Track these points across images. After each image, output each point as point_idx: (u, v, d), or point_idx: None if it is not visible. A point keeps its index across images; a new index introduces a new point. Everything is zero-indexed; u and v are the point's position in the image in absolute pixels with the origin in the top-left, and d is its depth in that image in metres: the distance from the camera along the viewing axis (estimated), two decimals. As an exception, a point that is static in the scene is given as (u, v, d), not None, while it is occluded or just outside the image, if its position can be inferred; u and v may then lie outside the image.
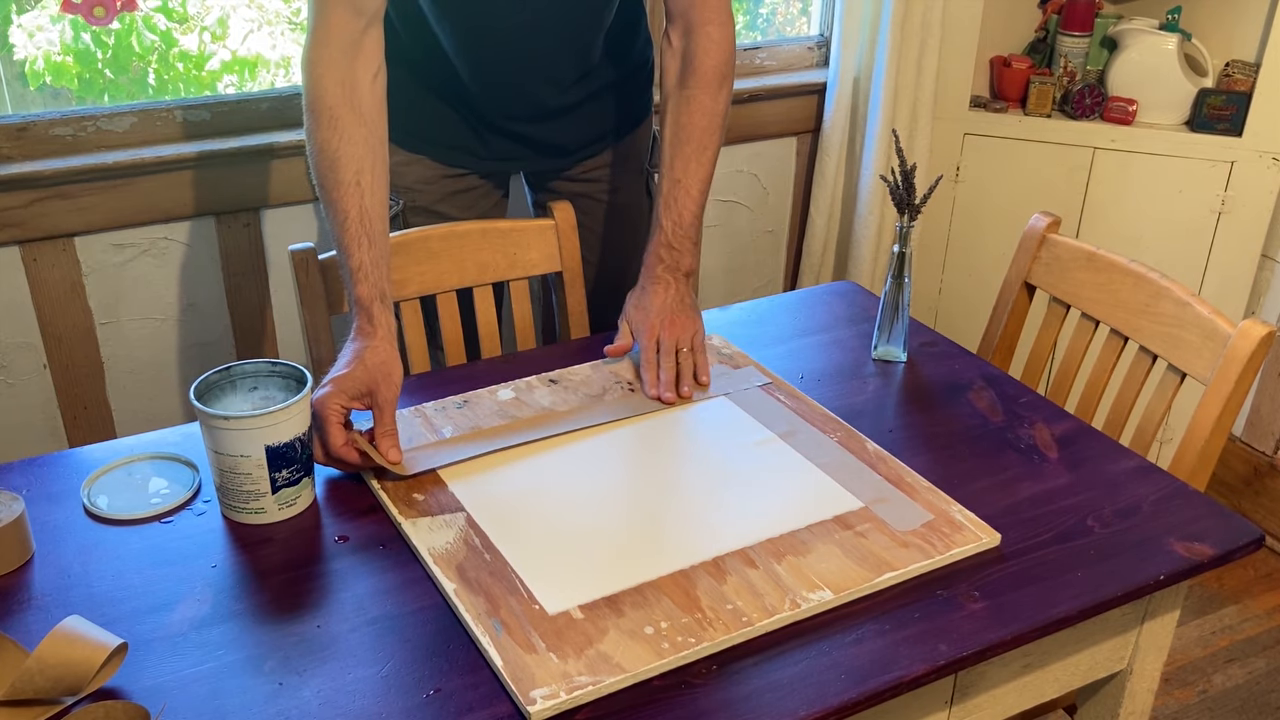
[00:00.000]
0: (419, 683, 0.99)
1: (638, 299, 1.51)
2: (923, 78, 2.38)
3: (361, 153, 1.34)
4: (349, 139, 1.33)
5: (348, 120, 1.33)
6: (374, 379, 1.27)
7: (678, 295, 1.50)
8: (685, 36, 1.52)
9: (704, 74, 1.51)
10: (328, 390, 1.25)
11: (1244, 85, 2.30)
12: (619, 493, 1.23)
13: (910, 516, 1.19)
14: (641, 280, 1.52)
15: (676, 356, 1.44)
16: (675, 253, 1.51)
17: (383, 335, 1.31)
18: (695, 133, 1.51)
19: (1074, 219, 2.46)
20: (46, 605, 1.08)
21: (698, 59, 1.51)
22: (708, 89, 1.51)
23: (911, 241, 1.49)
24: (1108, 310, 1.59)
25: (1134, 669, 1.27)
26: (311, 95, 1.33)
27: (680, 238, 1.51)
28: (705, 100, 1.51)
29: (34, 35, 1.95)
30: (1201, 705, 2.09)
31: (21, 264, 1.91)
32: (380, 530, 1.18)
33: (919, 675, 1.01)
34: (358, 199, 1.34)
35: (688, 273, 1.52)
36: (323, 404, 1.24)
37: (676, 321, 1.47)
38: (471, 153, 1.70)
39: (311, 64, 1.33)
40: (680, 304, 1.49)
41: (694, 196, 1.51)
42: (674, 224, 1.50)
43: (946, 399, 1.45)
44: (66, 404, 2.03)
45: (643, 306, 1.49)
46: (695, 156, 1.50)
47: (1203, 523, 1.22)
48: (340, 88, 1.33)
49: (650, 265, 1.51)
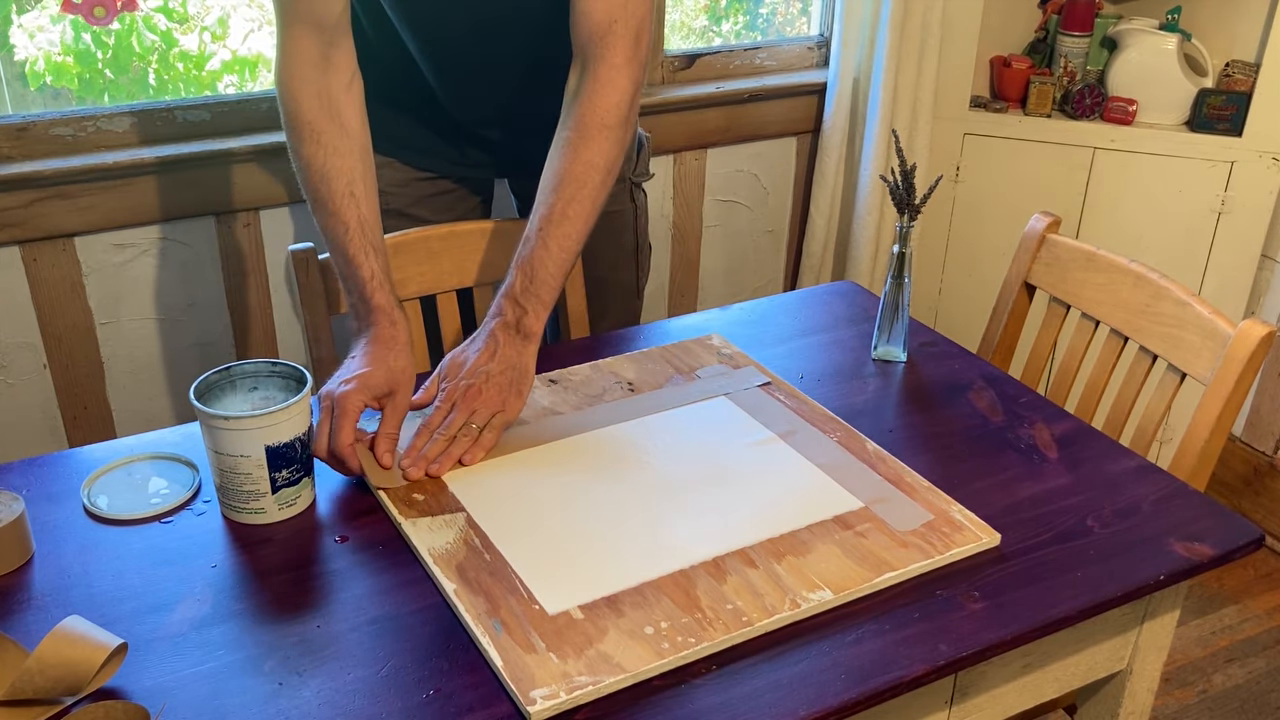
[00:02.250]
0: (419, 683, 0.99)
1: (463, 349, 1.35)
2: (923, 78, 2.38)
3: (350, 163, 1.34)
4: (335, 151, 1.33)
5: (330, 133, 1.33)
6: (396, 382, 1.27)
7: (504, 360, 1.31)
8: (580, 75, 1.40)
9: (586, 123, 1.37)
10: (352, 387, 1.24)
11: (1244, 85, 2.30)
12: (619, 493, 1.23)
13: (910, 516, 1.19)
14: (478, 330, 1.37)
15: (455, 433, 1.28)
16: (518, 309, 1.34)
17: (404, 341, 1.31)
18: (567, 182, 1.36)
19: (1074, 219, 2.46)
20: (46, 605, 1.08)
21: (584, 104, 1.37)
22: (587, 136, 1.37)
23: (911, 241, 1.48)
24: (1108, 310, 1.59)
25: (1134, 669, 1.27)
26: (289, 112, 1.33)
27: (528, 295, 1.34)
28: (582, 149, 1.36)
29: (34, 36, 1.95)
30: (1201, 705, 2.09)
31: (21, 264, 1.91)
32: (380, 530, 1.18)
33: (919, 675, 1.01)
34: (355, 209, 1.34)
35: (529, 335, 1.33)
36: (345, 399, 1.23)
37: (483, 394, 1.29)
38: (443, 157, 1.67)
39: (284, 82, 1.33)
40: (501, 373, 1.30)
41: (551, 251, 1.35)
42: (524, 278, 1.35)
43: (946, 399, 1.45)
44: (66, 404, 2.03)
45: (457, 362, 1.33)
46: (562, 207, 1.36)
47: (1203, 523, 1.22)
48: (317, 100, 1.32)
49: (489, 317, 1.36)
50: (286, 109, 1.33)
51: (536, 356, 1.34)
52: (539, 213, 1.37)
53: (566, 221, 1.36)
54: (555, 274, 1.35)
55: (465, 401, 1.28)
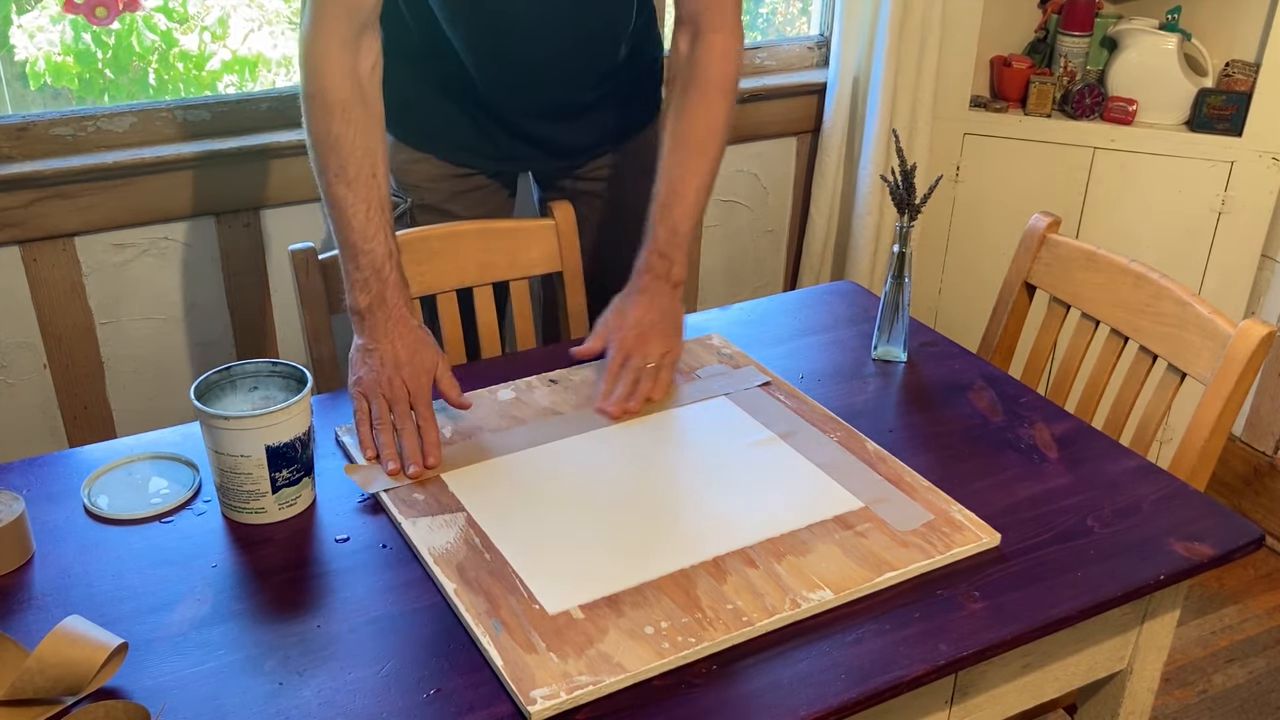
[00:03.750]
0: (419, 683, 0.99)
1: (619, 306, 1.47)
2: (922, 78, 2.38)
3: (374, 145, 1.35)
4: (362, 131, 1.34)
5: (357, 112, 1.34)
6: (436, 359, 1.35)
7: (660, 309, 1.45)
8: (692, 42, 1.50)
9: (705, 83, 1.48)
10: (444, 360, 1.34)
11: (1244, 85, 2.30)
12: (619, 493, 1.23)
13: (910, 516, 1.19)
14: (629, 286, 1.49)
15: (638, 373, 1.40)
16: (666, 261, 1.47)
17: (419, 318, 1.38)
18: (694, 141, 1.48)
19: (1074, 219, 2.45)
20: (46, 605, 1.08)
21: (700, 66, 1.48)
22: (707, 99, 1.48)
23: (911, 241, 1.48)
24: (1108, 310, 1.59)
25: (1134, 669, 1.27)
26: (318, 88, 1.33)
27: (673, 246, 1.47)
28: (704, 109, 1.48)
29: (34, 36, 1.96)
30: (1201, 705, 2.09)
31: (21, 264, 1.91)
32: (380, 530, 1.18)
33: (919, 675, 1.01)
34: (376, 190, 1.35)
35: (676, 283, 1.48)
36: (446, 372, 1.33)
37: (650, 338, 1.42)
38: (479, 153, 1.69)
39: (314, 60, 1.33)
40: (662, 318, 1.45)
41: (688, 206, 1.47)
42: (668, 232, 1.47)
43: (946, 399, 1.45)
44: (66, 404, 2.03)
45: (622, 314, 1.46)
46: (692, 164, 1.48)
47: (1203, 523, 1.22)
48: (348, 80, 1.33)
49: (639, 272, 1.48)
50: (313, 84, 1.33)
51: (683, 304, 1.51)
52: (672, 172, 1.48)
53: (697, 176, 1.48)
54: (693, 225, 1.49)
55: (638, 348, 1.41)
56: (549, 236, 1.70)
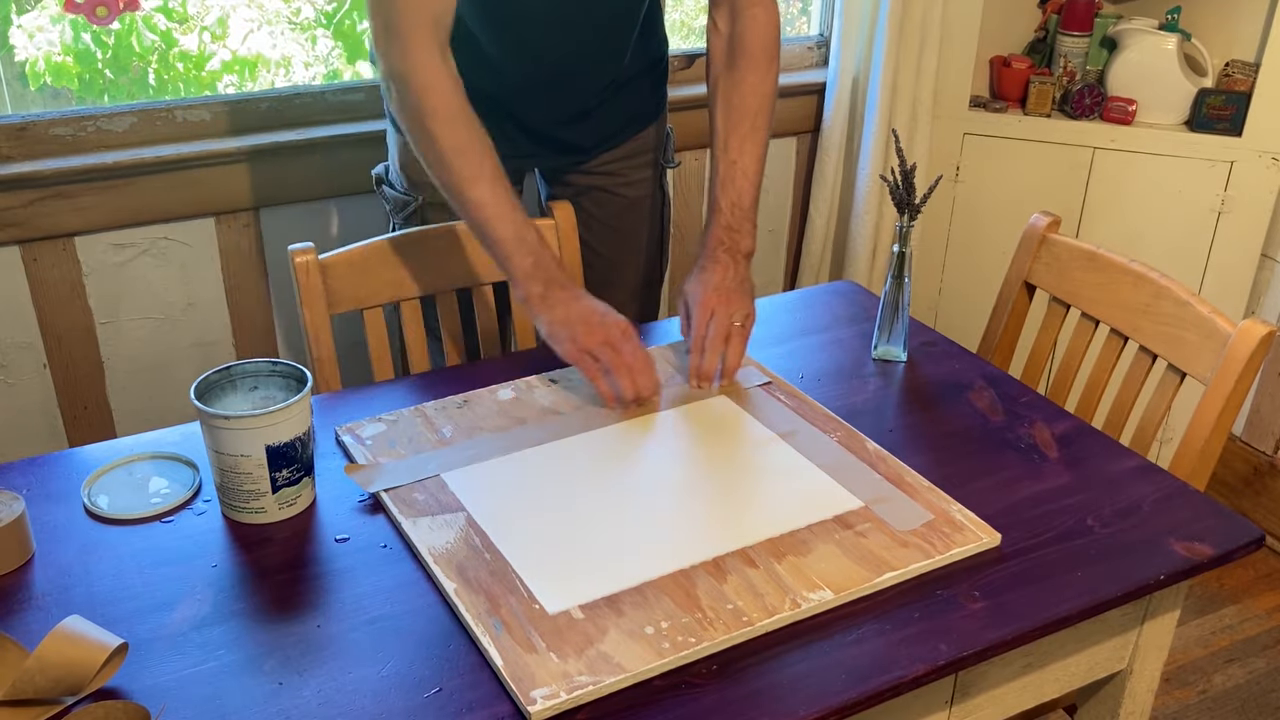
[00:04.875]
0: (419, 682, 0.99)
1: (695, 278, 1.50)
2: (922, 77, 2.38)
3: (490, 141, 1.40)
4: (482, 131, 1.39)
5: (474, 115, 1.39)
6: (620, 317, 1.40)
7: (735, 275, 1.49)
8: (731, 20, 1.54)
9: (752, 54, 1.52)
10: (635, 334, 1.38)
11: (1244, 85, 2.30)
12: (619, 493, 1.23)
13: (910, 516, 1.19)
14: (700, 262, 1.52)
15: (728, 331, 1.45)
16: (734, 234, 1.51)
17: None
18: (747, 113, 1.52)
19: (1074, 219, 2.45)
20: (46, 605, 1.08)
21: (745, 40, 1.52)
22: (756, 69, 1.52)
23: (911, 241, 1.49)
24: (1108, 310, 1.59)
25: (1134, 669, 1.27)
26: (435, 101, 1.36)
27: (739, 219, 1.52)
28: (754, 80, 1.52)
29: (34, 36, 1.96)
30: (1201, 705, 2.09)
31: (21, 264, 1.91)
32: (380, 530, 1.19)
33: (919, 675, 1.01)
34: (507, 183, 1.41)
35: (747, 254, 1.52)
36: (627, 335, 1.37)
37: (731, 299, 1.47)
38: (497, 150, 1.70)
39: (422, 74, 1.36)
40: (737, 283, 1.49)
41: (750, 176, 1.52)
42: (732, 205, 1.52)
43: (946, 399, 1.45)
44: (66, 404, 2.03)
45: (700, 283, 1.49)
46: (749, 136, 1.52)
47: (1203, 523, 1.22)
48: (457, 89, 1.38)
49: (710, 247, 1.51)
50: (433, 99, 1.36)
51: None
52: (729, 146, 1.53)
53: (755, 146, 1.53)
54: (754, 194, 1.53)
55: (722, 307, 1.45)
56: (549, 237, 1.70)
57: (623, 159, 1.76)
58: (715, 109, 1.55)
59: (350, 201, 2.10)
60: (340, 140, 2.03)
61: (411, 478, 1.24)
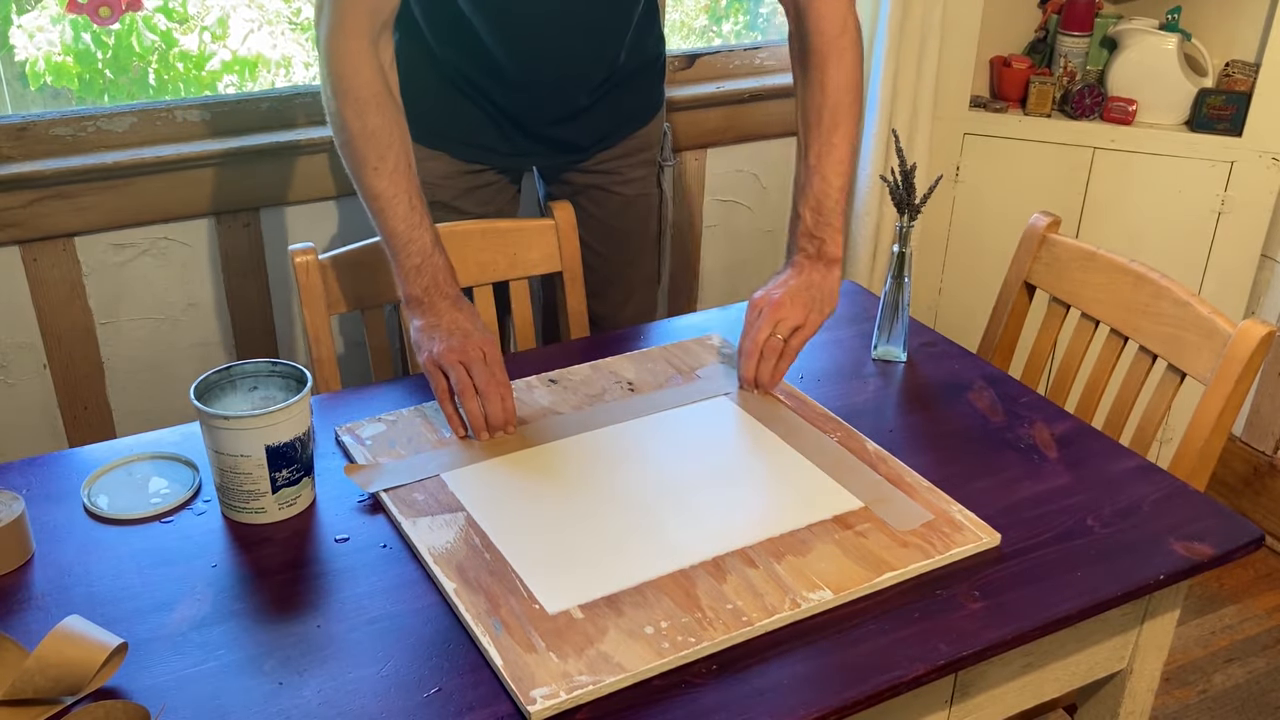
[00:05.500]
0: (419, 682, 0.99)
1: (768, 284, 1.47)
2: (922, 78, 2.38)
3: (406, 137, 1.38)
4: (395, 123, 1.36)
5: (389, 105, 1.36)
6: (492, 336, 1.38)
7: (807, 280, 1.45)
8: (797, 19, 1.50)
9: (821, 50, 1.47)
10: (497, 358, 1.34)
11: (1244, 85, 2.30)
12: (619, 493, 1.23)
13: (910, 516, 1.19)
14: (780, 268, 1.49)
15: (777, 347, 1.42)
16: (816, 241, 1.47)
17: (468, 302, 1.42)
18: (824, 113, 1.47)
19: (1074, 219, 2.45)
20: (46, 605, 1.08)
21: (812, 36, 1.48)
22: (825, 64, 1.47)
23: (911, 241, 1.49)
24: (1108, 310, 1.59)
25: (1134, 669, 1.27)
26: (349, 84, 1.34)
27: (821, 226, 1.47)
28: (825, 77, 1.47)
29: (34, 36, 1.95)
30: (1201, 705, 2.09)
31: (21, 264, 1.91)
32: (380, 530, 1.19)
33: (919, 675, 1.01)
34: (414, 180, 1.38)
35: (831, 260, 1.47)
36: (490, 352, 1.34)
37: (793, 304, 1.42)
38: (491, 149, 1.71)
39: (342, 55, 1.34)
40: (804, 289, 1.44)
41: (830, 180, 1.46)
42: (813, 213, 1.47)
43: (946, 399, 1.45)
44: (66, 404, 2.03)
45: (768, 288, 1.46)
46: (826, 138, 1.47)
47: (1203, 523, 1.22)
48: (378, 75, 1.35)
49: (791, 257, 1.49)
50: (347, 81, 1.35)
51: (841, 279, 1.49)
52: (809, 150, 1.47)
53: (836, 149, 1.46)
54: (839, 199, 1.47)
55: (771, 311, 1.40)
56: (549, 236, 1.70)
57: (620, 158, 1.76)
58: (797, 110, 1.51)
59: (350, 201, 2.10)
60: (340, 140, 2.03)
61: (411, 478, 1.25)
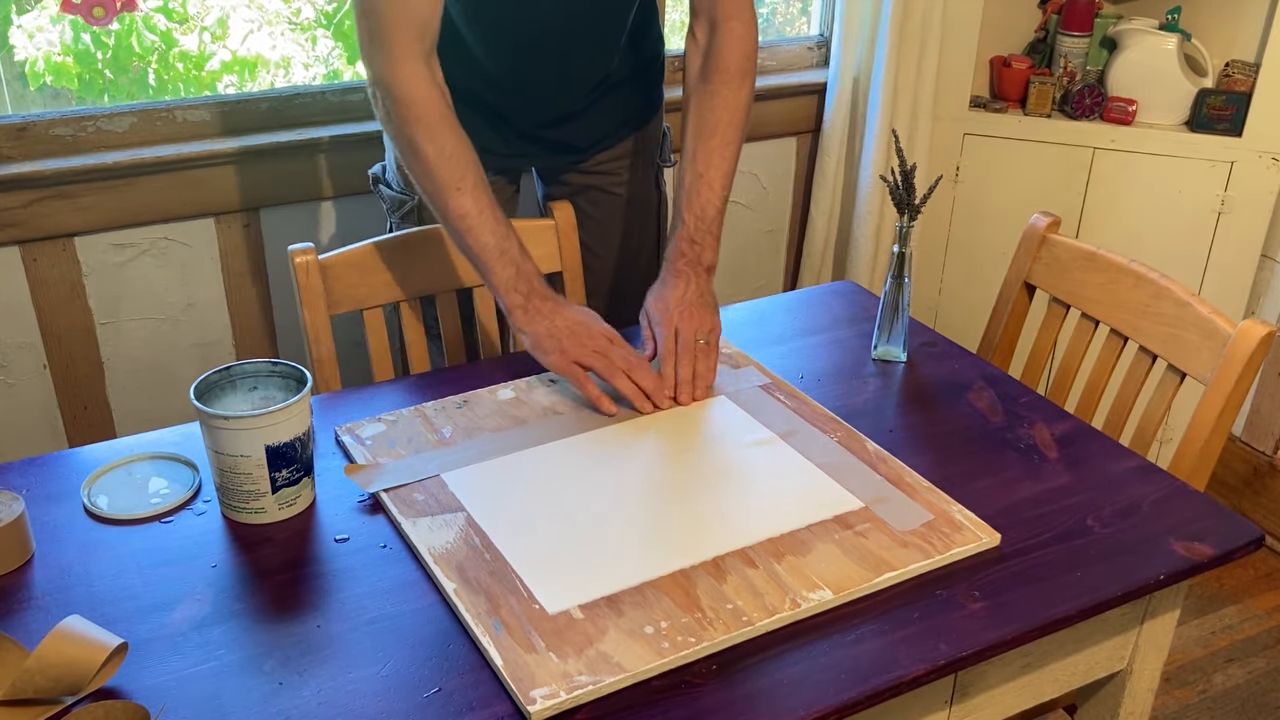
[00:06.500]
0: (419, 683, 0.99)
1: (657, 293, 1.50)
2: (922, 78, 2.38)
3: (474, 152, 1.40)
4: (466, 141, 1.40)
5: (457, 124, 1.40)
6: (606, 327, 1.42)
7: (697, 289, 1.49)
8: (710, 32, 1.53)
9: (726, 69, 1.51)
10: (622, 340, 1.40)
11: (1244, 85, 2.30)
12: (618, 493, 1.23)
13: (910, 516, 1.19)
14: (662, 275, 1.52)
15: (694, 350, 1.44)
16: (697, 247, 1.50)
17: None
18: (719, 127, 1.51)
19: (1074, 219, 2.45)
20: (46, 605, 1.08)
21: (721, 54, 1.52)
22: (730, 83, 1.52)
23: (911, 241, 1.48)
24: (1108, 310, 1.59)
25: (1134, 669, 1.27)
26: (419, 110, 1.37)
27: (702, 232, 1.50)
28: (728, 94, 1.52)
29: (34, 36, 1.96)
30: (1201, 705, 2.09)
31: (21, 264, 1.91)
32: (380, 530, 1.19)
33: (919, 675, 1.01)
34: (490, 193, 1.41)
35: (709, 267, 1.51)
36: (624, 354, 1.38)
37: (695, 314, 1.46)
38: (487, 150, 1.70)
39: (405, 81, 1.36)
40: (699, 299, 1.48)
41: (716, 190, 1.51)
42: (696, 219, 1.50)
43: (946, 399, 1.45)
44: (66, 404, 2.03)
45: (662, 299, 1.49)
46: (718, 150, 1.51)
47: (1203, 523, 1.22)
48: (441, 97, 1.38)
49: (671, 260, 1.51)
50: (418, 108, 1.37)
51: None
52: (696, 158, 1.51)
53: (724, 161, 1.51)
54: (720, 209, 1.52)
55: (686, 323, 1.44)
56: (549, 237, 1.70)
57: (618, 159, 1.76)
58: (687, 121, 1.54)
59: (349, 201, 2.10)
60: (339, 140, 2.03)
61: (411, 478, 1.25)
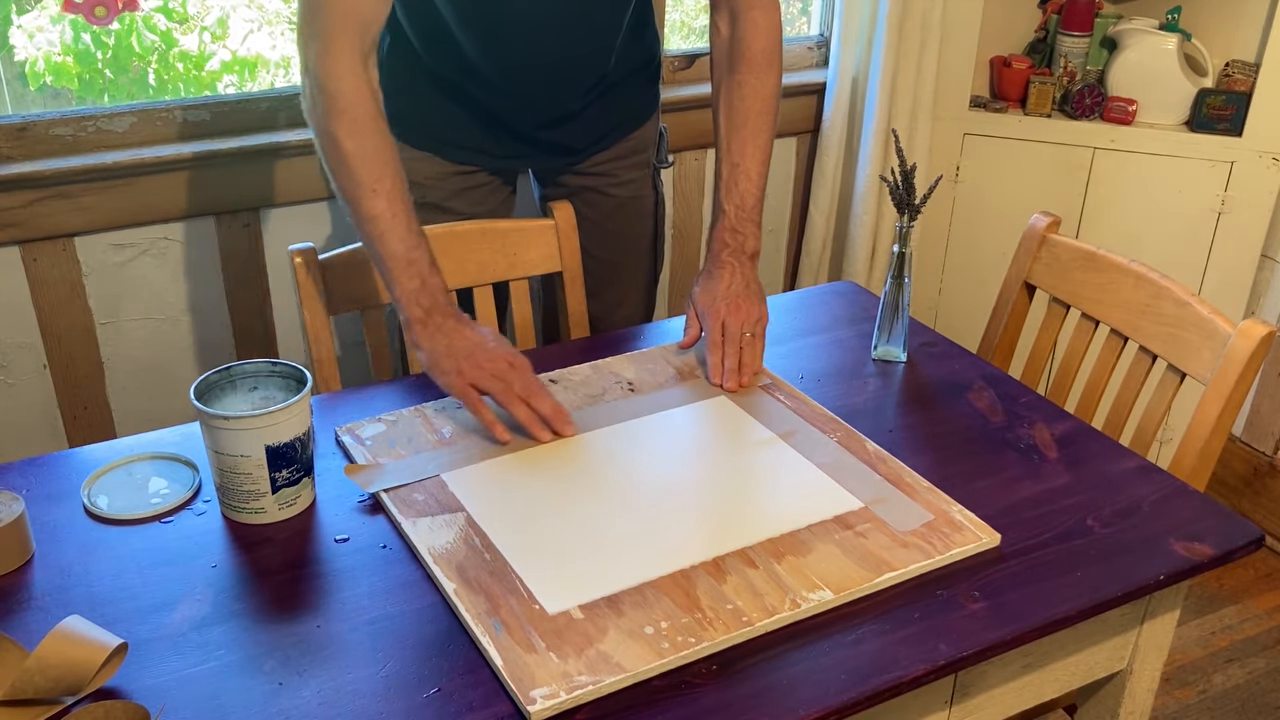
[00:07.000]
0: (419, 683, 0.99)
1: (704, 284, 1.52)
2: (922, 78, 2.38)
3: (399, 157, 1.38)
4: (390, 144, 1.37)
5: (384, 126, 1.37)
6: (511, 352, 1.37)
7: (743, 279, 1.50)
8: (731, 23, 1.54)
9: (753, 58, 1.52)
10: (526, 364, 1.35)
11: (1244, 85, 2.30)
12: (619, 493, 1.23)
13: (910, 516, 1.19)
14: (707, 265, 1.53)
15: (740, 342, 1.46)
16: (740, 236, 1.52)
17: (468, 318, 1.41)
18: (750, 116, 1.52)
19: (1074, 219, 2.46)
20: (46, 605, 1.08)
21: (745, 43, 1.52)
22: (757, 72, 1.52)
23: (911, 241, 1.49)
24: (1108, 310, 1.59)
25: (1134, 669, 1.27)
26: (345, 105, 1.34)
27: (743, 221, 1.52)
28: (755, 84, 1.52)
29: (34, 36, 1.95)
30: (1201, 705, 2.09)
31: (21, 264, 1.91)
32: (380, 530, 1.19)
33: (919, 675, 1.01)
34: (409, 200, 1.38)
35: (753, 255, 1.53)
36: (524, 376, 1.34)
37: (741, 306, 1.48)
38: (483, 151, 1.70)
39: (337, 76, 1.33)
40: (745, 288, 1.50)
41: (754, 179, 1.52)
42: (736, 208, 1.52)
43: (946, 399, 1.45)
44: (66, 404, 2.03)
45: (709, 291, 1.50)
46: (751, 139, 1.52)
47: (1203, 523, 1.22)
48: (372, 96, 1.36)
49: (715, 250, 1.52)
50: (343, 102, 1.34)
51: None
52: (731, 149, 1.53)
53: (758, 150, 1.53)
54: (759, 196, 1.53)
55: (733, 315, 1.46)
56: (549, 237, 1.70)
57: (615, 159, 1.76)
58: (718, 112, 1.55)
59: (350, 201, 2.10)
60: (340, 140, 2.03)
61: (411, 478, 1.25)
